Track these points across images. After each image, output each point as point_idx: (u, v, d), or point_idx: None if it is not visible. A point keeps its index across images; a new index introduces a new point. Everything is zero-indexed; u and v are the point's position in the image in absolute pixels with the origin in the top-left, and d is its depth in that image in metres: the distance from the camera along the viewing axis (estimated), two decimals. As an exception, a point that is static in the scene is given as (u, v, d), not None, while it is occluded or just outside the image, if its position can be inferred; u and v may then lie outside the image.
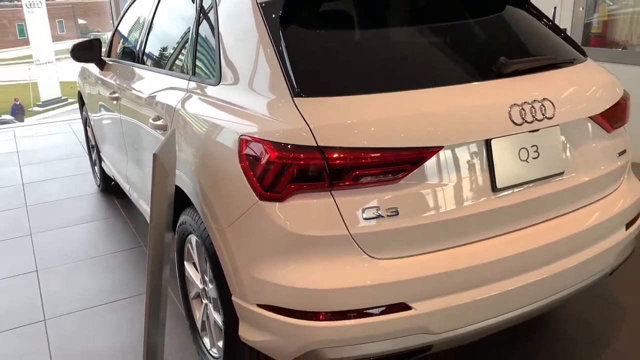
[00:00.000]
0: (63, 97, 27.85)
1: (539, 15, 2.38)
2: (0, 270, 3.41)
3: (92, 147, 4.69)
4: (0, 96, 30.42)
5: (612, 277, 2.92)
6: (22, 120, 20.90)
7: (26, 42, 35.87)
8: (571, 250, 1.98)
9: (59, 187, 4.84)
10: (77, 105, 4.96)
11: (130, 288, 3.16)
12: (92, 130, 4.38)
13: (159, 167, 1.76)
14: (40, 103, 27.00)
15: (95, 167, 4.71)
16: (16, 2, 43.13)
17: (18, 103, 25.66)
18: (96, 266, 3.43)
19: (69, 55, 3.65)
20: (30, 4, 24.79)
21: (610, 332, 2.58)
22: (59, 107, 26.62)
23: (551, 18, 5.53)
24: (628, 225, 2.21)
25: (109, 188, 4.52)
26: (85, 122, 4.67)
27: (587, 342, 2.53)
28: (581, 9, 5.29)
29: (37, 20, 25.66)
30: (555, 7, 5.51)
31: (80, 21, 47.29)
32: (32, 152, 5.97)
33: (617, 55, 5.07)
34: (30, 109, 27.72)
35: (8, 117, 24.72)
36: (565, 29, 5.44)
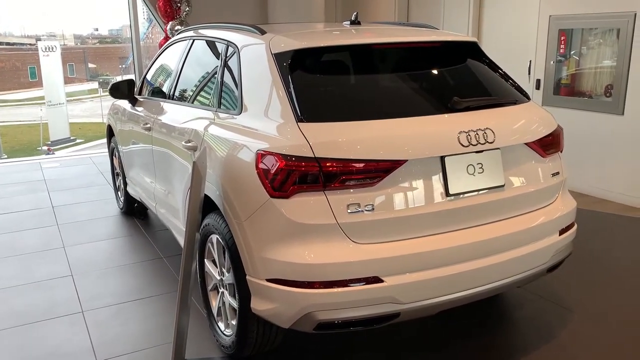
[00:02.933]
0: (72, 137, 28.72)
1: (493, 66, 3.02)
2: (40, 275, 3.95)
3: (117, 175, 5.30)
4: (11, 135, 31.33)
5: (560, 284, 3.50)
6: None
7: (36, 84, 37.04)
8: (510, 247, 2.56)
9: (85, 210, 5.42)
10: (84, 145, 5.57)
11: (153, 289, 3.70)
12: (119, 159, 5.00)
13: (196, 172, 2.36)
14: (50, 142, 27.83)
15: (119, 192, 5.31)
16: (29, 46, 44.76)
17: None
18: (123, 272, 3.99)
19: (108, 92, 4.31)
20: (46, 48, 25.97)
21: (559, 330, 3.09)
22: (67, 146, 27.43)
23: (527, 70, 6.26)
24: (562, 232, 2.79)
25: (132, 210, 5.12)
26: (112, 152, 5.29)
27: (539, 340, 3.04)
28: (552, 62, 6.00)
29: (51, 64, 26.76)
30: (530, 61, 6.23)
31: (90, 65, 48.76)
32: (58, 180, 6.58)
33: (583, 103, 5.75)
34: (40, 148, 28.52)
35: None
36: (539, 80, 6.17)
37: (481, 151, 2.50)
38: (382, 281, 2.30)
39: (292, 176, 2.28)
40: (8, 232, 4.85)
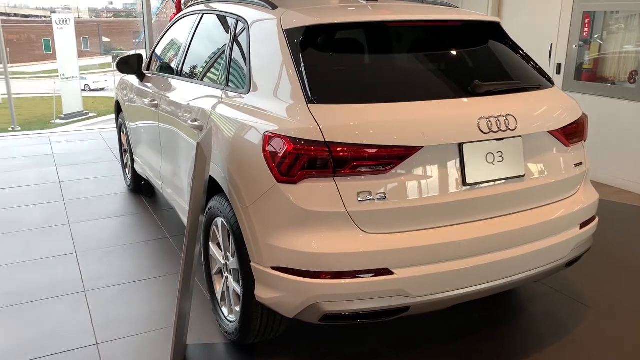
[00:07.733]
0: (84, 111, 28.73)
1: (515, 48, 2.86)
2: (43, 252, 3.89)
3: (125, 151, 5.21)
4: (25, 107, 31.45)
5: (577, 277, 3.37)
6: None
7: (50, 57, 37.05)
8: (528, 240, 2.43)
9: (92, 186, 5.35)
10: (97, 119, 5.47)
11: (158, 270, 3.62)
12: (127, 135, 4.90)
13: (200, 154, 2.25)
14: (63, 116, 27.86)
15: (127, 169, 5.23)
16: (44, 18, 44.70)
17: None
18: (128, 251, 3.91)
19: (115, 67, 4.20)
20: (60, 21, 25.82)
21: (575, 326, 2.97)
22: (81, 120, 27.45)
23: (548, 54, 6.04)
24: (582, 226, 2.66)
25: (139, 188, 5.04)
26: (120, 128, 5.20)
27: (554, 335, 2.91)
28: (574, 46, 5.78)
29: (64, 37, 26.61)
30: (551, 44, 6.01)
31: (104, 39, 48.64)
32: (67, 155, 6.52)
33: (605, 89, 5.54)
34: (53, 121, 28.59)
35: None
36: (560, 64, 5.95)
37: (502, 139, 2.36)
38: (392, 273, 2.18)
39: (301, 160, 2.16)
40: (13, 206, 4.79)
